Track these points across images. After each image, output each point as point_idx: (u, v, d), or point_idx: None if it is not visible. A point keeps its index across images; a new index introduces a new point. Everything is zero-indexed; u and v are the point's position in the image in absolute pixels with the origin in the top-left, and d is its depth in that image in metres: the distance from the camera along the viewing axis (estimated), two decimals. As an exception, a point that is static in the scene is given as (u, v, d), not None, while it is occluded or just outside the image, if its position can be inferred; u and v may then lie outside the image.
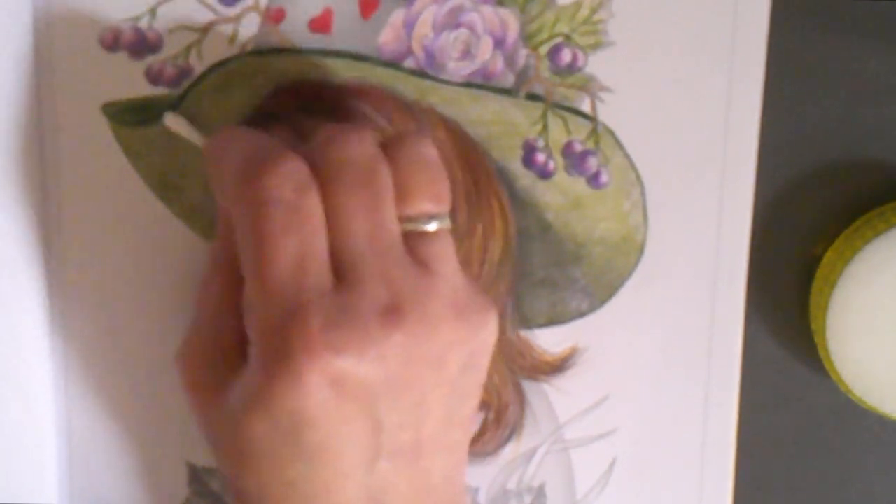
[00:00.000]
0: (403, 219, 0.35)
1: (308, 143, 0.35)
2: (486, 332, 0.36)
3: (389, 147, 0.36)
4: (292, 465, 0.34)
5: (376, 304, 0.33)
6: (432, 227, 0.35)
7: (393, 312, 0.33)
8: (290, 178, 0.34)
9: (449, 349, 0.35)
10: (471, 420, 0.37)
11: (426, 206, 0.35)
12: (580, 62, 0.41)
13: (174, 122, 0.39)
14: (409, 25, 0.40)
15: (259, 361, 0.33)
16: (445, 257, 0.36)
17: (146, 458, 0.43)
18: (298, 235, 0.33)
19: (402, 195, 0.35)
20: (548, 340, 0.43)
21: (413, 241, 0.35)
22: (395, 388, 0.34)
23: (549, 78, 0.41)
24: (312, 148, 0.35)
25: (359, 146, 0.35)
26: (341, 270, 0.34)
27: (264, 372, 0.33)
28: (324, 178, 0.34)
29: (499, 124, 0.41)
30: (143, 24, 0.40)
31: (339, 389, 0.33)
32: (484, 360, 0.37)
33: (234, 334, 0.36)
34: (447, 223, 0.36)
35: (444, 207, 0.36)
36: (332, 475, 0.34)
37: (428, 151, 0.36)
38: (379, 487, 0.35)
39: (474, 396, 0.37)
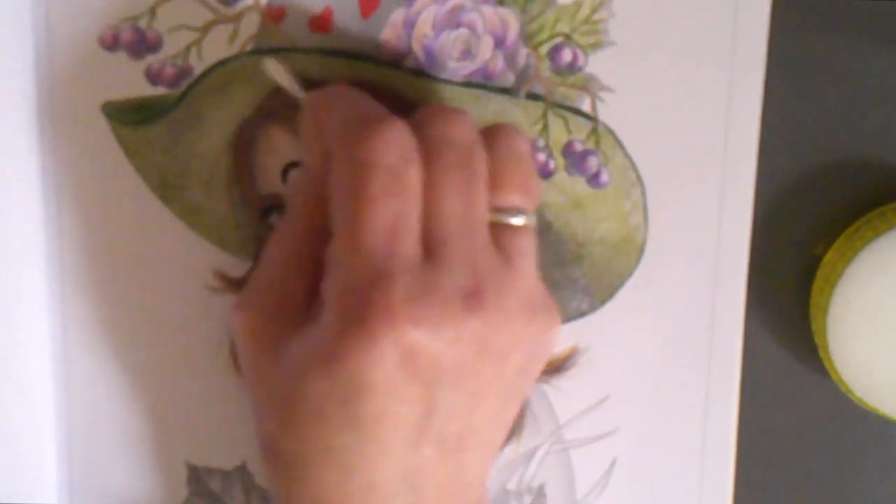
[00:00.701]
0: (493, 209, 0.35)
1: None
2: (550, 336, 0.36)
3: (487, 136, 0.36)
4: (340, 432, 0.34)
5: (459, 285, 0.33)
6: (519, 220, 0.36)
7: (474, 297, 0.33)
8: (397, 144, 0.34)
9: (515, 346, 0.35)
10: (511, 424, 0.37)
11: (516, 200, 0.36)
12: (580, 62, 0.41)
13: (275, 69, 0.38)
14: (410, 25, 0.40)
15: (333, 319, 0.33)
16: (527, 254, 0.36)
17: (146, 458, 0.43)
18: (397, 203, 0.33)
19: (494, 185, 0.35)
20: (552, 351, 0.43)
21: (499, 231, 0.35)
22: (459, 374, 0.34)
23: (549, 77, 0.41)
24: (416, 122, 0.35)
25: (461, 128, 0.35)
26: (430, 246, 0.34)
27: (338, 330, 0.33)
28: (425, 152, 0.34)
29: (499, 124, 0.41)
30: (143, 23, 0.40)
31: (408, 364, 0.33)
32: (538, 366, 0.37)
33: (302, 290, 0.35)
34: (533, 220, 0.36)
35: (533, 204, 0.36)
36: (377, 450, 0.34)
37: (524, 146, 0.36)
38: (417, 471, 0.35)
39: (520, 401, 0.37)
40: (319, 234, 0.35)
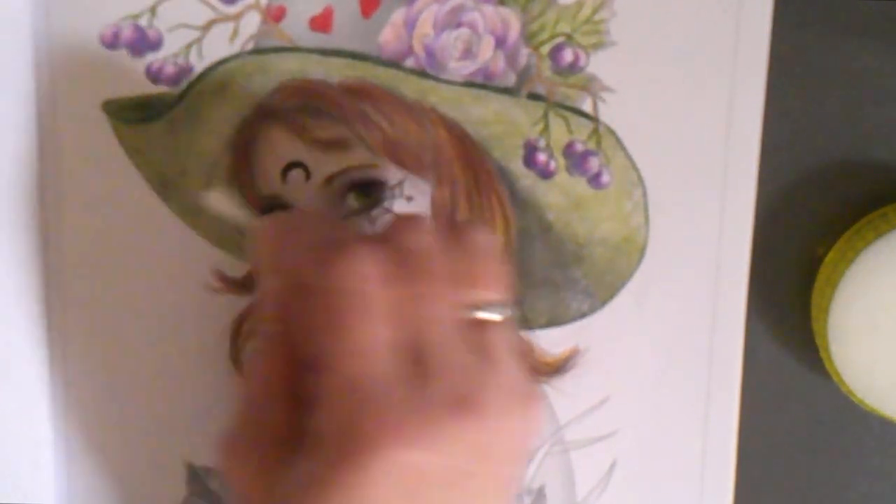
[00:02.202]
0: (471, 307, 0.35)
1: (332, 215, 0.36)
2: (538, 424, 0.36)
3: (452, 235, 0.36)
4: None
5: (447, 394, 0.33)
6: (495, 315, 0.35)
7: (464, 404, 0.33)
8: (361, 268, 0.33)
9: (510, 440, 0.34)
10: None
11: (490, 296, 0.35)
12: (582, 62, 0.41)
13: (218, 201, 0.39)
14: (410, 24, 0.40)
15: (324, 448, 0.33)
16: (508, 348, 0.35)
17: (145, 458, 0.43)
18: (370, 325, 0.33)
19: (465, 284, 0.35)
20: (548, 341, 0.42)
21: (475, 328, 0.35)
22: (457, 481, 0.33)
23: (550, 78, 0.41)
24: (379, 238, 0.35)
25: (421, 236, 0.35)
26: (411, 359, 0.33)
27: (330, 462, 0.32)
28: (391, 267, 0.34)
29: (500, 124, 0.41)
30: (144, 21, 0.40)
31: (406, 483, 0.32)
32: (530, 450, 0.37)
33: (288, 420, 0.35)
34: (510, 311, 0.36)
35: (507, 298, 0.36)
36: None
37: (490, 240, 0.36)
38: None
39: (518, 485, 0.37)
40: (295, 364, 0.34)
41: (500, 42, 0.40)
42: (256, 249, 0.36)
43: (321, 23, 0.40)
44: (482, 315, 0.35)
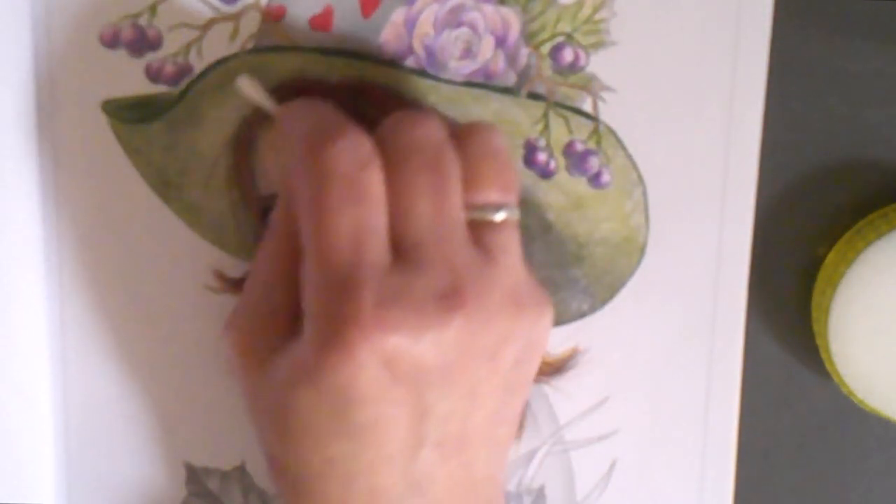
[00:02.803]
0: (471, 207, 0.35)
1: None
2: (542, 327, 0.36)
3: (459, 136, 0.36)
4: (335, 443, 0.34)
5: (436, 286, 0.33)
6: (499, 216, 0.35)
7: (452, 297, 0.33)
8: (350, 152, 0.34)
9: (504, 341, 0.35)
10: (518, 417, 0.37)
11: (493, 196, 0.36)
12: (582, 61, 0.41)
13: (248, 86, 0.38)
14: (411, 24, 0.40)
15: (311, 334, 0.33)
16: (510, 248, 0.36)
17: (144, 459, 0.43)
18: (356, 210, 0.33)
19: (470, 184, 0.35)
20: (548, 341, 0.42)
21: (479, 229, 0.35)
22: (448, 375, 0.34)
23: (550, 77, 0.41)
24: (381, 130, 0.35)
25: (426, 130, 0.35)
26: (402, 251, 0.34)
27: (316, 344, 0.33)
28: (390, 159, 0.34)
29: (500, 124, 0.41)
30: (143, 21, 0.40)
31: (392, 369, 0.33)
32: (537, 356, 0.36)
33: (288, 306, 0.35)
34: (515, 214, 0.36)
35: (512, 198, 0.36)
36: (375, 457, 0.34)
37: (497, 142, 0.36)
38: (421, 475, 0.35)
39: (524, 392, 0.37)
40: (298, 252, 0.35)
41: (500, 42, 0.40)
42: (276, 139, 0.37)
43: (321, 22, 0.40)
44: (483, 216, 0.35)
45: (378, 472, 0.34)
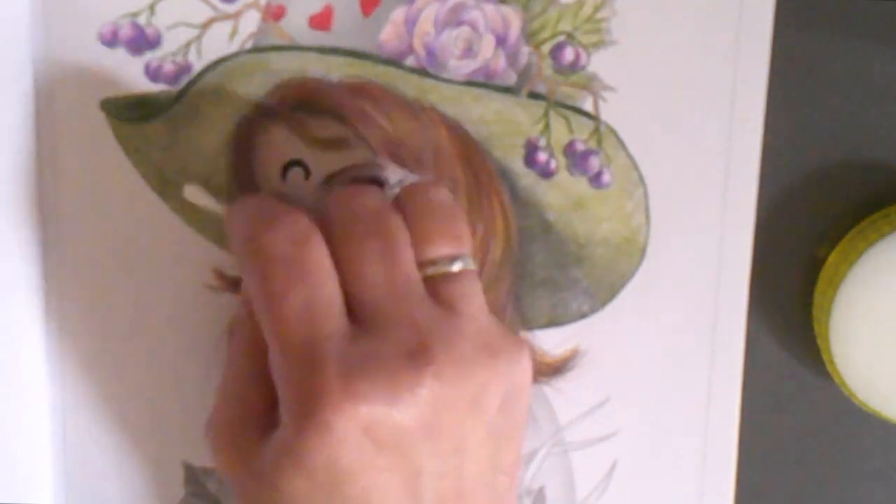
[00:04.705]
0: (425, 264, 0.35)
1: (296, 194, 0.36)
2: (520, 371, 0.35)
3: (401, 198, 0.36)
4: None
5: (402, 347, 0.33)
6: (455, 267, 0.35)
7: (420, 354, 0.33)
8: (285, 232, 0.34)
9: (483, 390, 0.34)
10: (517, 465, 0.37)
11: (444, 249, 0.35)
12: (583, 61, 0.40)
13: (193, 194, 0.39)
14: (411, 23, 0.40)
15: (288, 418, 0.33)
16: (471, 297, 0.35)
17: (142, 459, 0.43)
18: (302, 288, 0.33)
19: (419, 242, 0.35)
20: (548, 342, 0.42)
21: (437, 284, 0.35)
22: (431, 433, 0.33)
23: (551, 77, 0.41)
24: (325, 209, 0.35)
25: (364, 199, 0.35)
26: (361, 317, 0.34)
27: (294, 427, 0.33)
28: (334, 233, 0.34)
29: (500, 123, 0.41)
30: (142, 19, 0.40)
31: (373, 437, 0.32)
32: (522, 402, 0.36)
33: (264, 397, 0.35)
34: (470, 263, 0.36)
35: (465, 248, 0.36)
36: None
37: (440, 195, 0.36)
38: None
39: (517, 439, 0.36)
40: (265, 344, 0.35)
41: (500, 41, 0.40)
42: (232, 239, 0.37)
43: (321, 21, 0.40)
44: (438, 270, 0.35)
45: None
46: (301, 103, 0.40)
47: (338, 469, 0.32)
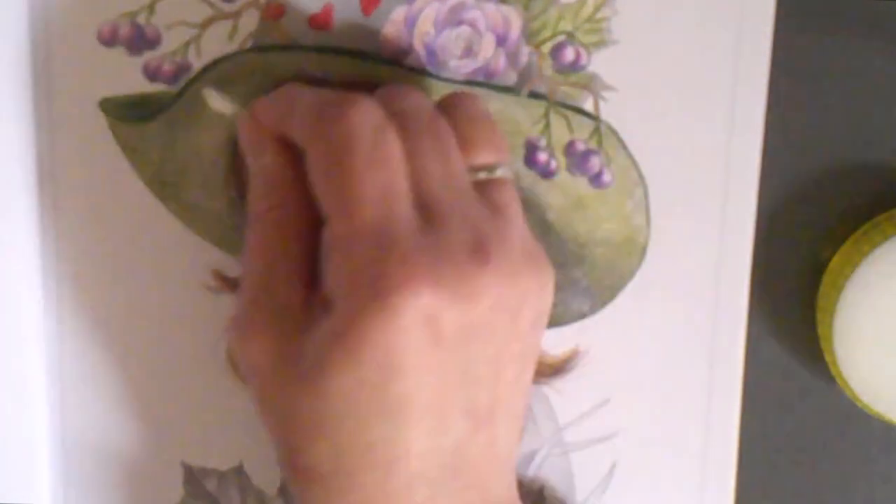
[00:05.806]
0: (473, 169, 0.36)
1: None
2: (549, 290, 0.36)
3: (444, 106, 0.36)
4: (374, 425, 0.32)
5: (463, 242, 0.33)
6: (500, 172, 0.36)
7: (480, 250, 0.33)
8: (370, 116, 0.34)
9: (525, 299, 0.34)
10: (528, 391, 0.37)
11: (489, 156, 0.36)
12: (583, 60, 0.40)
13: (210, 97, 0.38)
14: (411, 22, 0.40)
15: (347, 303, 0.32)
16: (514, 203, 0.36)
17: (141, 459, 0.43)
18: (384, 171, 0.33)
19: (464, 148, 0.35)
20: (548, 342, 0.42)
21: (483, 189, 0.35)
22: (480, 334, 0.33)
23: (551, 76, 0.40)
24: (378, 101, 0.35)
25: (418, 99, 0.36)
26: (425, 211, 0.33)
27: (352, 313, 0.32)
28: (396, 125, 0.34)
29: (500, 123, 0.40)
30: (142, 19, 0.40)
31: (433, 330, 0.32)
32: (545, 319, 0.36)
33: (295, 293, 0.34)
34: (510, 172, 0.36)
35: (505, 156, 0.36)
36: (415, 436, 0.33)
37: (481, 107, 0.37)
38: (455, 451, 0.34)
39: (535, 360, 0.36)
40: (293, 233, 0.35)
41: (501, 40, 0.40)
42: (248, 131, 0.37)
43: (321, 20, 0.40)
44: (485, 175, 0.36)
45: (419, 453, 0.33)
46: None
47: (391, 362, 0.32)
